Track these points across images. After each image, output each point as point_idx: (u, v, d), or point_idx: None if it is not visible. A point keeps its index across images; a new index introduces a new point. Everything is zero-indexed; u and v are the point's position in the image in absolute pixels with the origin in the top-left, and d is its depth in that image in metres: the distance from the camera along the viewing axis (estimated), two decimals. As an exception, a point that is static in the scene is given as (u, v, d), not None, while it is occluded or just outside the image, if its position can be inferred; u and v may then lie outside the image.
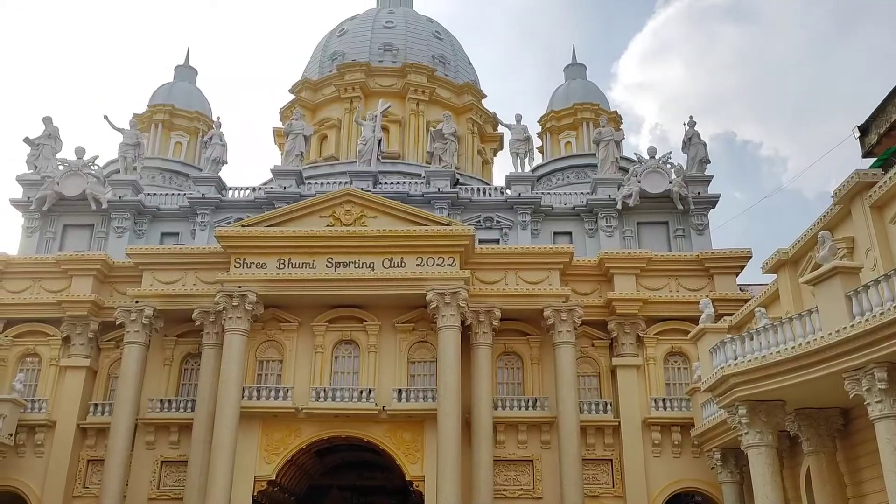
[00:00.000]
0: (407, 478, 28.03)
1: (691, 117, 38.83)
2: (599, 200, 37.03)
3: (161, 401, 29.73)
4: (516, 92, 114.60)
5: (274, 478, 28.22)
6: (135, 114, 44.59)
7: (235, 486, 27.22)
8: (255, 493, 27.86)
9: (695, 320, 26.82)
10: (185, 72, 49.33)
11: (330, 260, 29.30)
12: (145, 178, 40.94)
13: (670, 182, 36.49)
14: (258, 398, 28.55)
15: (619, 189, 37.15)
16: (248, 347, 28.94)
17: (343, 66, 48.88)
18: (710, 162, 37.75)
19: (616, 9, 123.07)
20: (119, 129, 39.16)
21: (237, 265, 29.45)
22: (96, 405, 30.24)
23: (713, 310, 23.21)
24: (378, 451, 29.08)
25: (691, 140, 37.81)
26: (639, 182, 36.48)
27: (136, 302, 29.61)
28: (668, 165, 37.04)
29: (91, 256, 31.14)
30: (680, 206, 36.29)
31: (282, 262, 29.48)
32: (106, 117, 39.27)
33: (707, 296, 28.90)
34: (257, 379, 29.76)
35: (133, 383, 29.02)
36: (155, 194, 39.07)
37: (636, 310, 29.82)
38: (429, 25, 54.10)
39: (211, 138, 40.15)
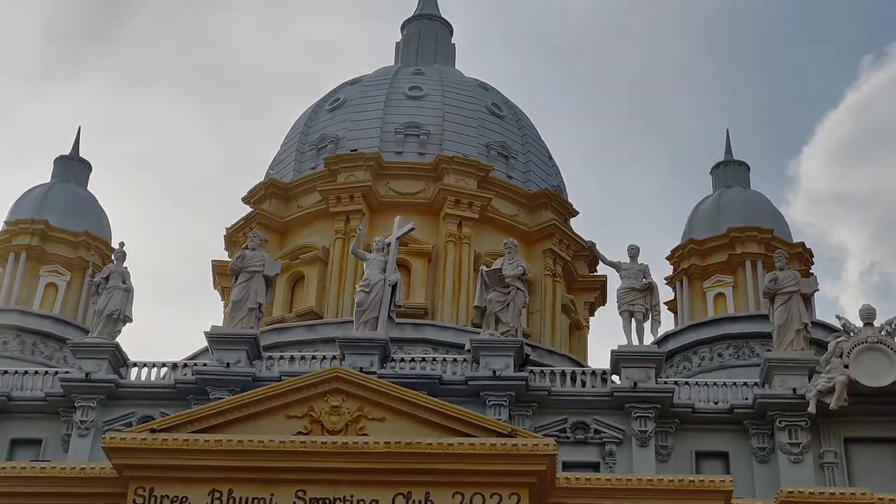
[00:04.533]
0: None
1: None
2: (777, 398, 35.27)
3: None
4: (628, 206, 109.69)
5: None
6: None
7: None
8: None
9: None
10: (71, 167, 48.87)
11: (301, 494, 28.01)
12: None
13: (902, 368, 36.49)
14: None
15: (810, 379, 35.54)
16: None
17: (335, 158, 48.09)
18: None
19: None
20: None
21: (139, 499, 28.15)
22: None
23: None
24: None
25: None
26: (846, 367, 34.80)
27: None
28: (899, 338, 37.16)
29: None
30: (923, 411, 35.50)
31: (217, 496, 28.01)
32: None
33: None
34: None
35: None
36: (5, 373, 37.37)
37: None
38: (481, 94, 53.46)
39: (107, 278, 38.08)
